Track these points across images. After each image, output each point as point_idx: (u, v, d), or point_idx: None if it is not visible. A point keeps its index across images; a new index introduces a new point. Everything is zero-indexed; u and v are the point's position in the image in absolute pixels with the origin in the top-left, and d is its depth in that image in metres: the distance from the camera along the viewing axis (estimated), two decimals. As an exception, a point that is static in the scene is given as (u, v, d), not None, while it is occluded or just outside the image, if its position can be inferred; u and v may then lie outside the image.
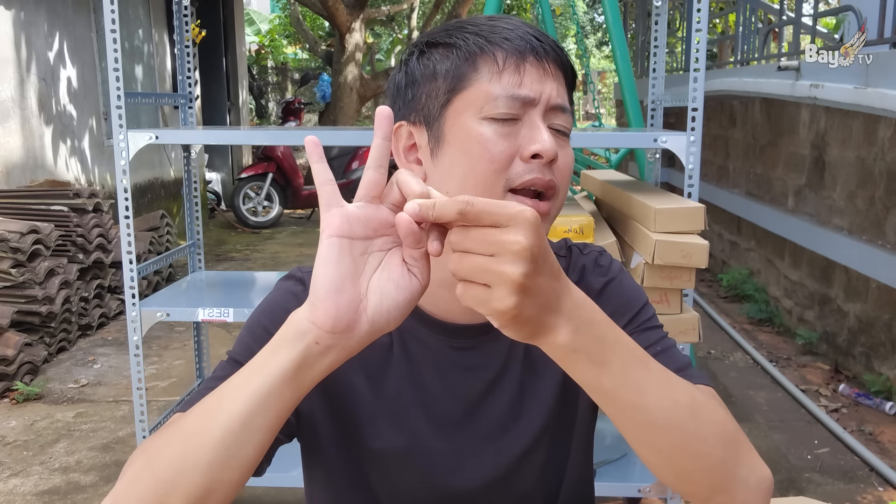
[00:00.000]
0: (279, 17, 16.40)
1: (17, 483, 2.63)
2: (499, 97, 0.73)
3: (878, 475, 2.65)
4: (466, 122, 0.74)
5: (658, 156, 2.62)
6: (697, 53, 2.02)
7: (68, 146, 5.26)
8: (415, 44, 0.81)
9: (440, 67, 0.76)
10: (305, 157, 9.31)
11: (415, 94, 0.78)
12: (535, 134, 0.73)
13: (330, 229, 0.58)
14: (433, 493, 0.83)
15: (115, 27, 2.04)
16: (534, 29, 0.77)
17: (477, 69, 0.74)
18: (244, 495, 2.52)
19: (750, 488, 0.69)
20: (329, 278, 0.57)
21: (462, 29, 0.77)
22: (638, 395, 0.63)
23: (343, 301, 0.57)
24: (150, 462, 0.64)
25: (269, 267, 6.02)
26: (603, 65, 20.20)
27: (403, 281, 0.59)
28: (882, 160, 3.38)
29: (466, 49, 0.75)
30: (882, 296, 3.35)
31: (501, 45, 0.74)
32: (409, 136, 0.79)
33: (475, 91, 0.74)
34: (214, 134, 2.48)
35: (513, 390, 0.83)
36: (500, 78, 0.73)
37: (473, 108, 0.73)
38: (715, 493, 0.67)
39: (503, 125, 0.73)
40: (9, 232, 3.51)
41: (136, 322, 2.18)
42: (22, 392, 3.32)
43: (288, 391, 0.60)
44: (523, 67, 0.73)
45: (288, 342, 0.59)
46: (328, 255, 0.57)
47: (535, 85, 0.73)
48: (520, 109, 0.73)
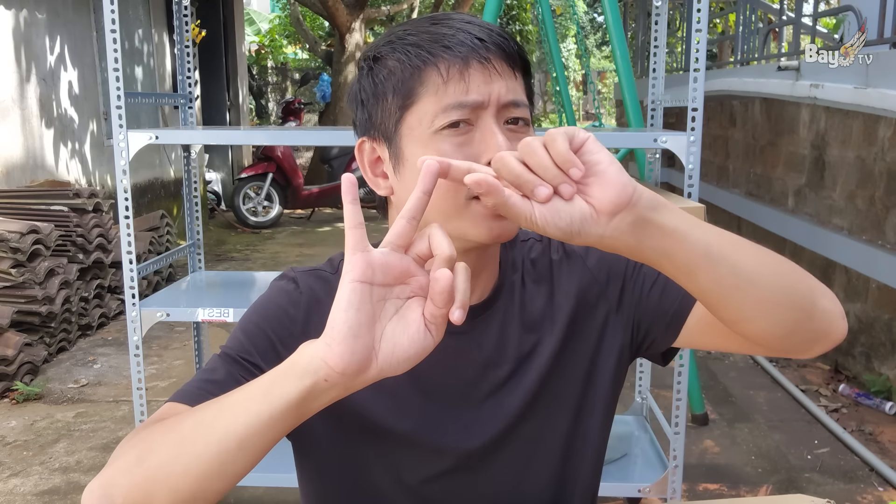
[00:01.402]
0: (279, 17, 16.40)
1: (17, 483, 2.63)
2: (448, 107, 0.73)
3: (878, 475, 2.65)
4: (421, 138, 0.74)
5: (658, 156, 2.62)
6: (697, 53, 2.02)
7: (68, 146, 5.26)
8: (364, 57, 0.81)
9: (388, 84, 0.76)
10: (305, 157, 9.31)
11: (370, 112, 0.79)
12: (488, 140, 0.73)
13: (354, 273, 0.58)
14: (435, 472, 0.85)
15: (115, 27, 2.04)
16: (478, 26, 0.76)
17: (423, 82, 0.74)
18: (244, 495, 2.52)
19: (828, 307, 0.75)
20: (349, 323, 0.57)
21: (404, 40, 0.76)
22: (738, 249, 0.67)
23: (358, 346, 0.57)
24: (142, 458, 0.65)
25: (269, 267, 6.02)
26: (603, 65, 20.21)
27: (418, 336, 0.59)
28: (882, 160, 3.38)
29: (409, 63, 0.75)
30: (882, 296, 3.35)
31: (443, 55, 0.74)
32: (372, 151, 0.81)
33: (424, 105, 0.74)
34: (214, 134, 2.48)
35: (508, 366, 0.85)
36: (447, 88, 0.73)
37: (425, 122, 0.74)
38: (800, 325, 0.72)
39: (457, 135, 0.73)
40: (9, 232, 3.51)
41: (136, 322, 2.18)
42: (22, 392, 3.32)
43: (289, 419, 0.61)
44: (467, 74, 0.73)
45: (297, 375, 0.59)
46: (350, 300, 0.57)
47: (483, 87, 0.73)
48: (471, 114, 0.74)
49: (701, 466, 2.74)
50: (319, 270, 0.86)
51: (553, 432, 0.87)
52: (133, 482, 0.65)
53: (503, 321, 0.85)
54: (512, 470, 0.86)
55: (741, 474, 2.69)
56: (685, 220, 0.63)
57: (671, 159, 5.62)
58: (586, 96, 17.92)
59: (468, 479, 0.85)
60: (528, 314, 0.86)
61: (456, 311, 0.57)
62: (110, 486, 0.65)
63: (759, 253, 0.69)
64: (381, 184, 0.80)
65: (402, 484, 0.85)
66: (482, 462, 0.85)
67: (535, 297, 0.87)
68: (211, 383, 0.75)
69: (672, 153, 2.03)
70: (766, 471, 2.72)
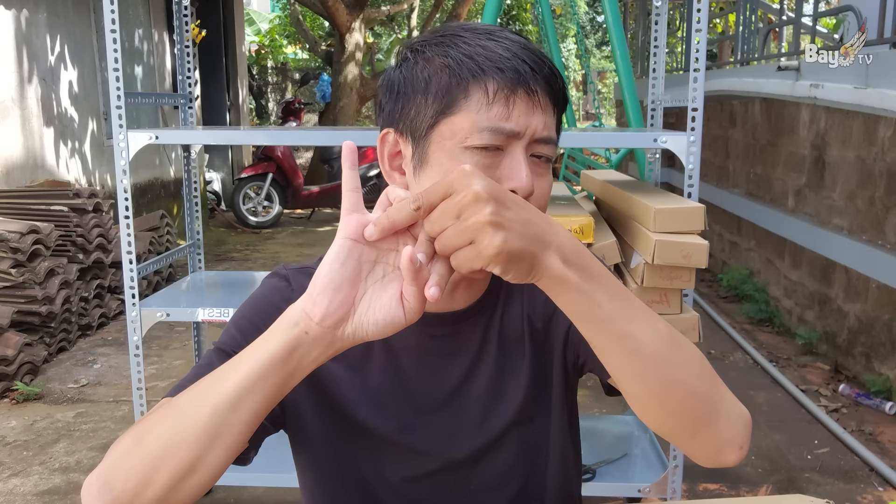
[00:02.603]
0: (279, 16, 16.39)
1: (17, 483, 2.63)
2: (485, 130, 0.73)
3: (878, 475, 2.65)
4: (451, 150, 0.74)
5: (658, 156, 2.62)
6: (697, 53, 2.02)
7: (68, 146, 5.26)
8: (410, 46, 0.80)
9: (432, 85, 0.76)
10: (305, 157, 9.31)
11: (404, 104, 0.78)
12: (515, 169, 0.74)
13: (346, 231, 0.62)
14: (418, 472, 0.86)
15: (115, 27, 2.04)
16: (531, 53, 0.76)
17: (467, 96, 0.74)
18: (244, 496, 2.52)
19: (732, 422, 0.75)
20: (331, 276, 0.61)
21: (457, 46, 0.76)
22: (625, 323, 0.66)
23: (337, 299, 0.61)
24: (140, 439, 0.67)
25: (269, 267, 6.01)
26: (603, 65, 20.21)
27: (391, 307, 0.62)
28: (882, 160, 3.38)
29: (459, 73, 0.74)
30: (882, 296, 3.35)
31: (494, 76, 0.73)
32: (395, 144, 0.80)
33: (463, 118, 0.74)
34: (214, 134, 2.48)
35: (490, 372, 0.86)
36: (490, 109, 0.73)
37: (459, 135, 0.74)
38: (699, 426, 0.71)
39: (485, 155, 0.74)
40: (9, 232, 3.51)
41: (136, 322, 2.18)
42: (22, 392, 3.32)
43: (277, 376, 0.64)
44: (513, 100, 0.74)
45: (281, 329, 0.63)
46: (337, 254, 0.61)
47: (523, 118, 0.74)
48: (504, 141, 0.74)
49: (701, 466, 2.73)
50: (310, 268, 0.87)
51: (534, 436, 0.88)
52: (132, 465, 0.66)
53: (486, 326, 0.86)
54: (494, 472, 0.87)
55: (741, 474, 2.69)
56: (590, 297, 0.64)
57: (671, 159, 5.62)
58: (586, 96, 17.92)
59: (449, 480, 0.87)
60: (510, 320, 0.88)
61: (430, 288, 0.60)
62: (109, 474, 0.67)
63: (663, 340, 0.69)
64: (396, 178, 0.80)
65: (385, 481, 0.86)
66: (463, 465, 0.86)
67: (515, 305, 0.88)
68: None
69: (672, 153, 2.03)
70: (766, 471, 2.72)
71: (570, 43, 17.80)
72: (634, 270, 1.89)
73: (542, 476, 0.89)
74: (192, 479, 0.65)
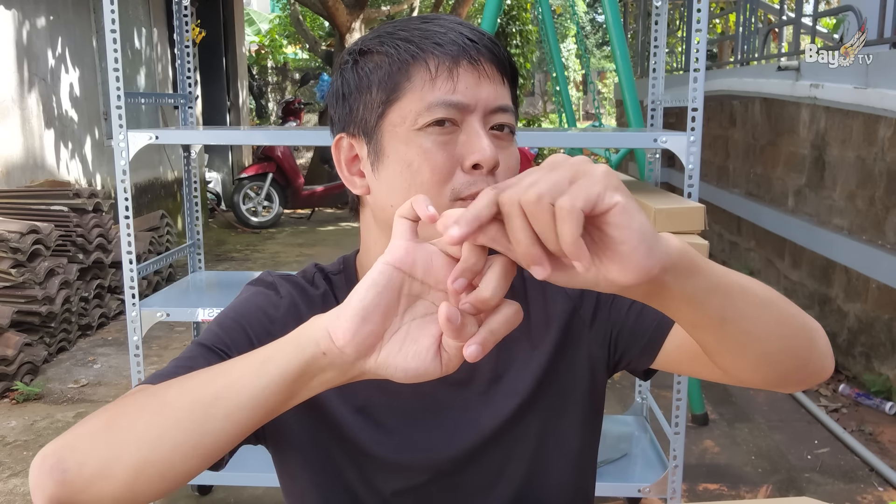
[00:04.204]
0: (279, 17, 16.39)
1: (17, 483, 2.63)
2: (433, 105, 0.71)
3: (878, 475, 2.65)
4: (404, 134, 0.73)
5: (658, 156, 2.62)
6: (697, 53, 2.02)
7: (68, 146, 5.26)
8: (349, 51, 0.79)
9: (373, 78, 0.74)
10: (305, 157, 9.31)
11: (351, 105, 0.77)
12: (473, 141, 0.72)
13: (390, 256, 0.53)
14: (402, 486, 0.82)
15: (115, 27, 2.04)
16: (469, 28, 0.75)
17: (409, 78, 0.73)
18: (244, 496, 2.52)
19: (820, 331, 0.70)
20: (363, 303, 0.53)
21: (393, 35, 0.75)
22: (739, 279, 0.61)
23: (364, 330, 0.53)
24: (110, 424, 0.61)
25: (269, 267, 6.02)
26: (603, 65, 20.21)
27: (425, 355, 0.54)
28: (882, 160, 3.38)
29: (398, 57, 0.73)
30: (882, 296, 3.35)
31: (433, 52, 0.72)
32: (350, 148, 0.78)
33: (410, 101, 0.72)
34: (214, 134, 2.48)
35: (483, 384, 0.83)
36: (434, 85, 0.72)
37: (409, 118, 0.72)
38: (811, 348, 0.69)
39: (441, 133, 0.72)
40: (9, 232, 3.51)
41: (136, 322, 2.18)
42: (22, 392, 3.32)
43: (281, 394, 0.56)
44: (456, 72, 0.72)
45: (299, 343, 0.55)
46: (375, 280, 0.53)
47: (471, 90, 0.72)
48: (457, 115, 0.72)
49: (701, 466, 2.74)
50: (295, 278, 0.84)
51: (525, 440, 0.85)
52: (94, 449, 0.59)
53: None
54: (485, 478, 0.84)
55: (741, 474, 2.69)
56: (706, 286, 0.57)
57: (671, 159, 5.62)
58: (586, 96, 17.92)
59: (439, 492, 0.84)
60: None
61: (469, 347, 0.52)
62: (66, 453, 0.60)
63: (772, 309, 0.64)
64: (356, 182, 0.78)
65: (374, 491, 0.83)
66: (453, 474, 0.83)
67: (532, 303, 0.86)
68: (187, 369, 0.69)
69: (672, 153, 2.03)
70: (766, 471, 2.72)
71: (571, 43, 17.80)
72: (634, 270, 1.89)
73: (546, 475, 0.87)
74: (154, 481, 0.58)
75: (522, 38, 13.25)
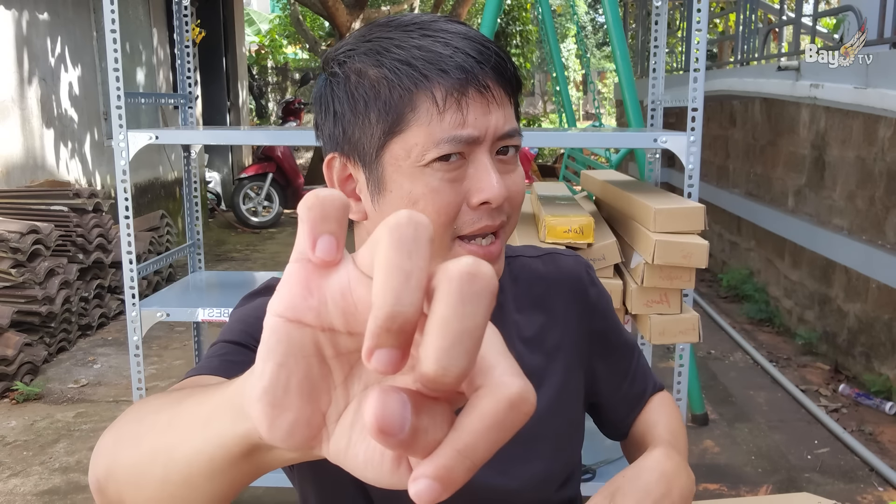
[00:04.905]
0: (279, 17, 16.39)
1: (17, 483, 2.63)
2: (441, 142, 0.67)
3: (878, 475, 2.65)
4: (408, 169, 0.68)
5: (658, 156, 2.62)
6: (697, 53, 2.02)
7: (68, 146, 5.26)
8: (336, 57, 0.71)
9: (371, 104, 0.68)
10: (305, 157, 9.33)
11: (345, 128, 0.71)
12: (482, 178, 0.68)
13: (279, 303, 0.31)
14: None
15: (115, 27, 2.04)
16: (473, 42, 0.68)
17: (414, 109, 0.67)
18: (244, 496, 2.52)
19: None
20: (263, 385, 0.31)
21: (389, 52, 0.67)
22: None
23: (284, 422, 0.32)
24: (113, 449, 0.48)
25: (269, 267, 6.02)
26: (603, 65, 20.21)
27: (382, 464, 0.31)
28: (882, 160, 3.38)
29: (399, 84, 0.67)
30: (882, 296, 3.35)
31: (439, 80, 0.66)
32: (343, 168, 0.74)
33: (415, 134, 0.67)
34: (214, 134, 2.48)
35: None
36: (442, 119, 0.67)
37: (415, 153, 0.68)
38: None
39: (448, 170, 0.68)
40: (9, 232, 3.51)
41: (136, 322, 2.18)
42: (22, 392, 3.32)
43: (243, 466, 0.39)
44: (465, 103, 0.67)
45: (232, 412, 0.36)
46: (269, 346, 0.31)
47: (480, 120, 0.68)
48: (464, 148, 0.68)
49: (701, 466, 2.74)
50: None
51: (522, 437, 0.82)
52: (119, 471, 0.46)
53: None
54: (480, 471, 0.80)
55: (741, 474, 2.69)
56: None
57: (671, 159, 5.62)
58: (586, 96, 17.92)
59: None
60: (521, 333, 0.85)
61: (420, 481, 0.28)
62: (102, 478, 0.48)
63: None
64: (352, 206, 0.72)
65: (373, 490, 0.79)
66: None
67: (531, 320, 0.85)
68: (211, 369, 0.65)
69: (672, 153, 2.03)
70: (766, 471, 2.72)
71: (571, 43, 17.80)
72: (634, 270, 1.89)
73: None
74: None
75: (522, 38, 13.25)
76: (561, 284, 0.87)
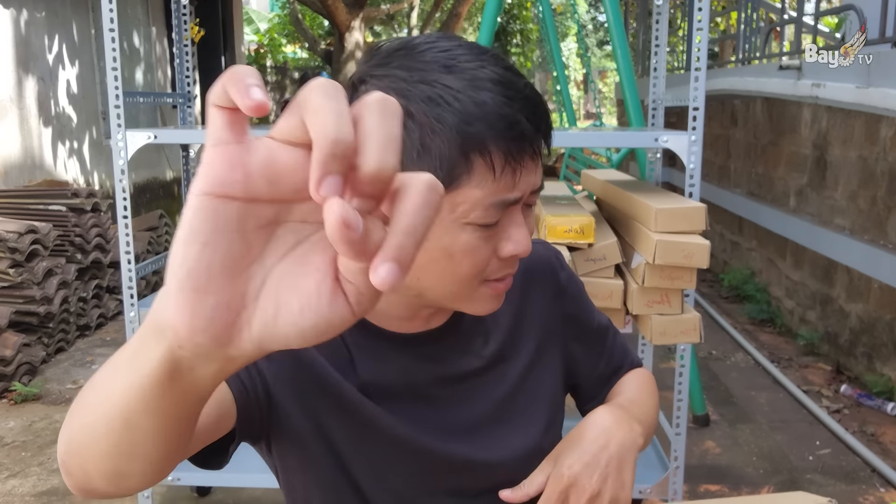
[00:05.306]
0: (278, 16, 16.38)
1: (15, 484, 2.62)
2: (491, 206, 0.67)
3: (880, 476, 2.64)
4: (448, 223, 0.68)
5: (659, 155, 2.61)
6: (699, 53, 2.00)
7: (66, 146, 5.25)
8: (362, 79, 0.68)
9: (425, 155, 0.65)
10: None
11: None
12: (513, 232, 0.70)
13: (206, 180, 0.33)
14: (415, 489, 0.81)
15: (114, 26, 2.03)
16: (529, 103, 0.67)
17: (470, 171, 0.65)
18: (243, 496, 2.51)
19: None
20: (187, 266, 0.33)
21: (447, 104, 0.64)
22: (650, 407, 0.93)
23: (205, 309, 0.33)
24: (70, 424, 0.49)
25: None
26: (604, 64, 20.20)
27: (320, 300, 0.34)
28: (884, 160, 3.37)
29: (460, 145, 0.64)
30: (884, 296, 3.34)
31: (498, 145, 0.65)
32: None
33: (464, 194, 0.66)
34: (213, 133, 2.46)
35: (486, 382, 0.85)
36: (496, 184, 0.66)
37: (460, 209, 0.67)
38: None
39: (487, 229, 0.69)
40: (7, 232, 3.50)
41: (134, 322, 2.17)
42: (20, 393, 3.31)
43: (171, 394, 0.39)
44: (520, 170, 0.67)
45: (154, 333, 0.37)
46: (194, 227, 0.33)
47: (525, 181, 0.68)
48: (505, 208, 0.69)
49: (702, 467, 2.73)
50: None
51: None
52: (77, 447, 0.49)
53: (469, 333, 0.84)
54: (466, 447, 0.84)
55: (742, 475, 2.68)
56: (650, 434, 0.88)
57: (672, 159, 5.61)
58: (587, 95, 17.92)
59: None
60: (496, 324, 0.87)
61: (380, 268, 0.32)
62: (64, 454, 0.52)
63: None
64: None
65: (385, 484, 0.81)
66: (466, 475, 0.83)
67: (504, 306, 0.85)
68: None
69: (673, 153, 2.02)
70: (768, 471, 2.71)
71: (571, 42, 17.80)
72: (635, 270, 1.88)
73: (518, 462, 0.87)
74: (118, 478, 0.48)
75: (523, 37, 13.25)
76: (532, 271, 0.89)
